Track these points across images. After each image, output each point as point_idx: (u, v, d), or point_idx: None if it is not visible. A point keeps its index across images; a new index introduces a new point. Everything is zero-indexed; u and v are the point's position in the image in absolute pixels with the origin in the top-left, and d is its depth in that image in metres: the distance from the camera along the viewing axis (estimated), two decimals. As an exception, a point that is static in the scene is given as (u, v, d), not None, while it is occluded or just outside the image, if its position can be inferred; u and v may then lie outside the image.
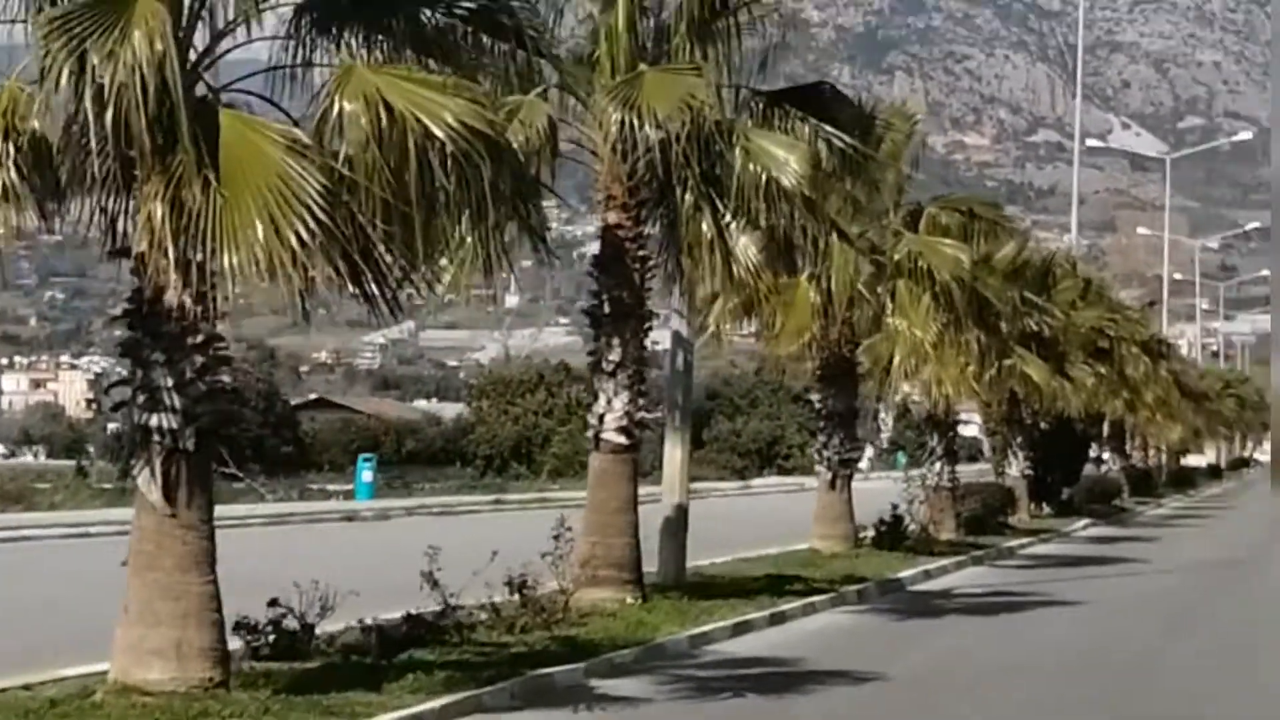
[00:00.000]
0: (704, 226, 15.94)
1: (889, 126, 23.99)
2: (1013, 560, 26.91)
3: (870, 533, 25.20)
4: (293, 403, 73.12)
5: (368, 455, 44.90)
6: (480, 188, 9.71)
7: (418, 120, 9.61)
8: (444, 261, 11.48)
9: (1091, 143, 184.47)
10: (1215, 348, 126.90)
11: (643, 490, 17.38)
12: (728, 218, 16.06)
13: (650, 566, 17.77)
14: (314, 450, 60.33)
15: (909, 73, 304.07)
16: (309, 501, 40.43)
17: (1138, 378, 42.18)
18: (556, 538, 14.97)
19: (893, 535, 25.31)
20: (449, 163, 9.61)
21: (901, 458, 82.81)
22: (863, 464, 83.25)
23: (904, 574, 21.86)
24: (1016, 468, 36.56)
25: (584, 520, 16.68)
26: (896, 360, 26.33)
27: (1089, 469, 47.39)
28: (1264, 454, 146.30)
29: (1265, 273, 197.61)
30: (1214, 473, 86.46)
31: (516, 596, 14.38)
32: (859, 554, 23.70)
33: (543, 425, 63.32)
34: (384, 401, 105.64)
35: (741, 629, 15.72)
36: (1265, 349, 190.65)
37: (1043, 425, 38.93)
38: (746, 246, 16.31)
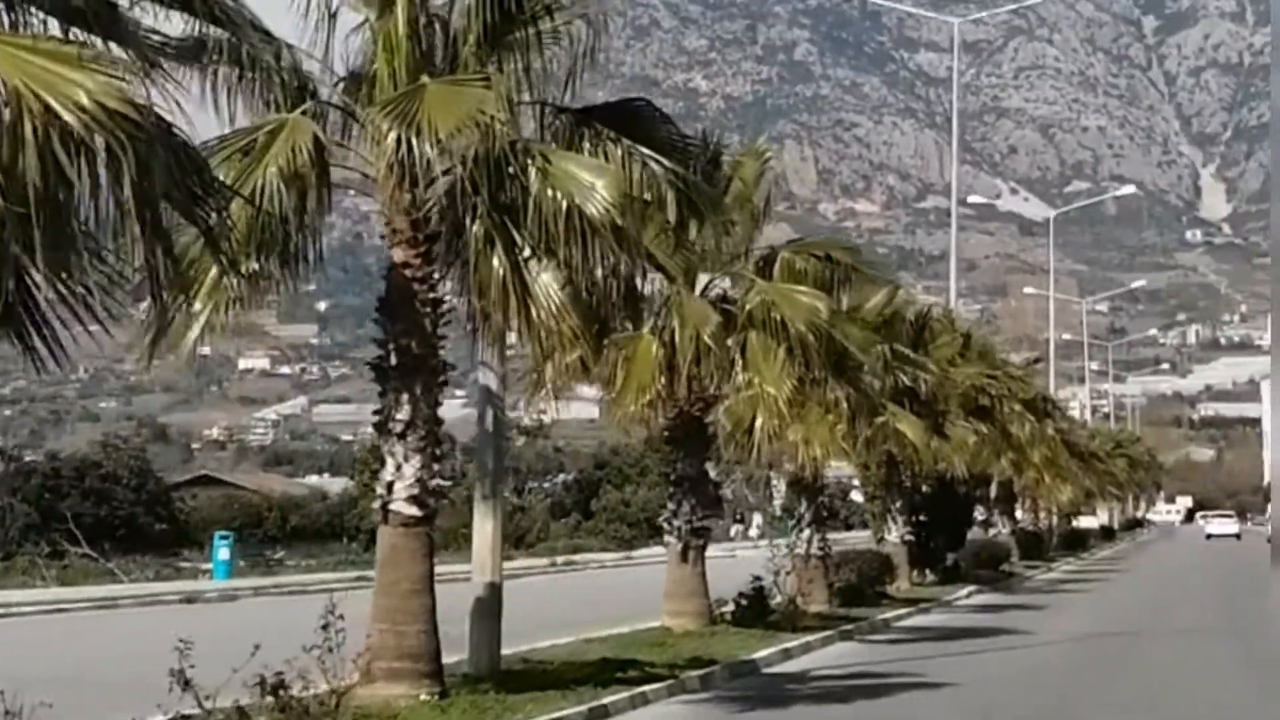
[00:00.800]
0: (495, 263, 13.78)
1: (738, 165, 22.08)
2: (886, 634, 24.80)
3: (730, 608, 23.06)
4: (178, 479, 71.58)
5: (224, 533, 43.12)
6: (140, 187, 7.53)
7: (37, 98, 7.40)
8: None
9: (974, 199, 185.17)
10: (1106, 409, 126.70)
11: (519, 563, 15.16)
12: (526, 252, 13.93)
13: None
14: (192, 528, 59.10)
15: (798, 140, 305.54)
16: (164, 582, 38.70)
17: (1023, 437, 40.40)
18: (325, 626, 12.66)
19: (754, 610, 23.15)
20: (84, 154, 7.42)
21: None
22: (752, 531, 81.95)
23: (760, 654, 19.68)
24: (896, 533, 34.57)
25: (372, 605, 14.39)
26: (759, 421, 24.39)
27: (976, 533, 45.63)
28: (1156, 514, 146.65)
29: (1153, 332, 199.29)
30: (1107, 534, 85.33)
31: (270, 699, 12.07)
32: (715, 632, 21.51)
33: None
34: (271, 477, 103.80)
35: (549, 730, 13.48)
36: (1156, 410, 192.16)
37: (924, 488, 37.08)
38: (549, 286, 14.11)
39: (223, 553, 41.31)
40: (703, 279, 22.15)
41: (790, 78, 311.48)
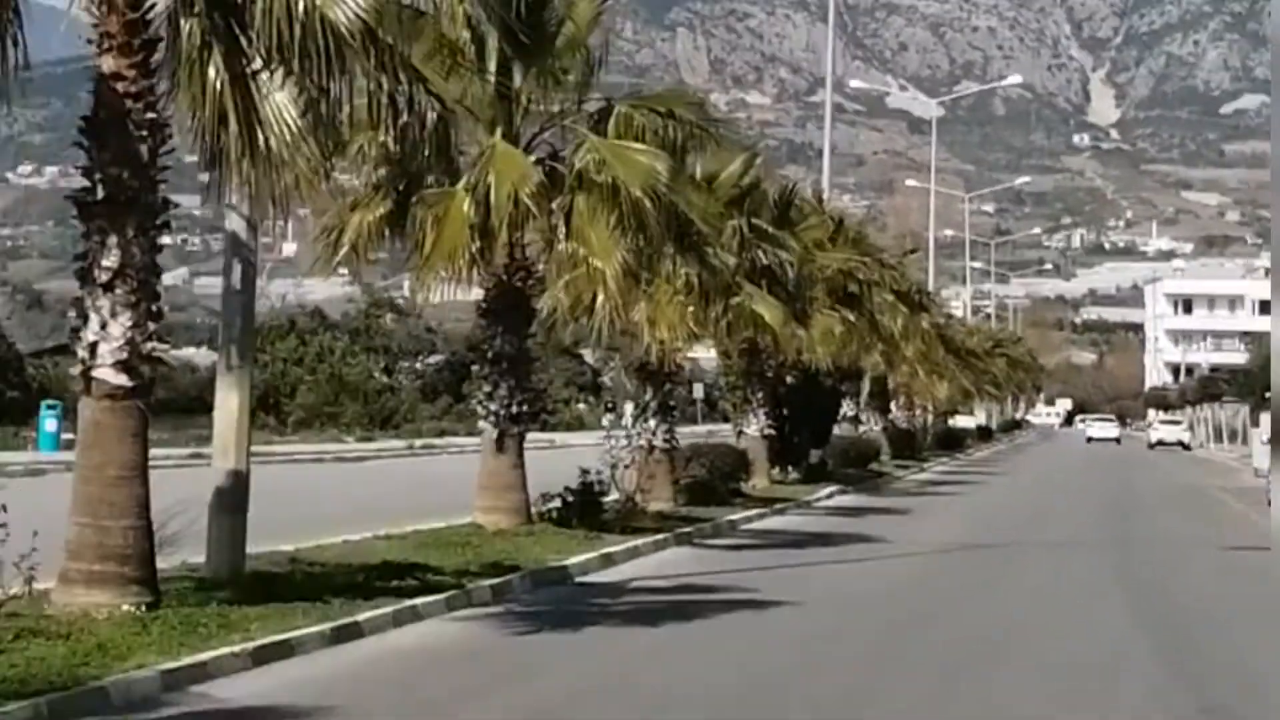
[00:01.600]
0: (211, 73, 10.96)
1: (572, 4, 19.22)
2: (731, 538, 22.39)
3: (557, 504, 20.53)
4: (46, 346, 69.33)
5: (52, 403, 40.32)
6: None
7: None
8: None
9: (856, 83, 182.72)
10: (989, 310, 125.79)
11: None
12: (257, 63, 11.10)
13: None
14: (47, 397, 57.94)
15: (691, 29, 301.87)
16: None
17: (895, 329, 38.04)
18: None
19: (584, 508, 20.62)
20: None
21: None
22: (625, 420, 79.68)
23: (576, 559, 17.17)
24: (756, 427, 32.17)
25: (72, 494, 11.68)
26: (600, 298, 21.78)
27: (847, 429, 43.51)
28: (1036, 416, 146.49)
29: (1037, 231, 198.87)
30: (984, 434, 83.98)
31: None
32: (532, 532, 18.97)
33: (292, 374, 62.35)
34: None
35: (272, 654, 10.83)
36: (1039, 312, 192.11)
37: (789, 379, 34.70)
38: (283, 108, 11.28)
39: (49, 424, 38.96)
40: (530, 134, 19.41)
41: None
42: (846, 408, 44.23)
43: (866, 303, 33.41)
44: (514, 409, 19.42)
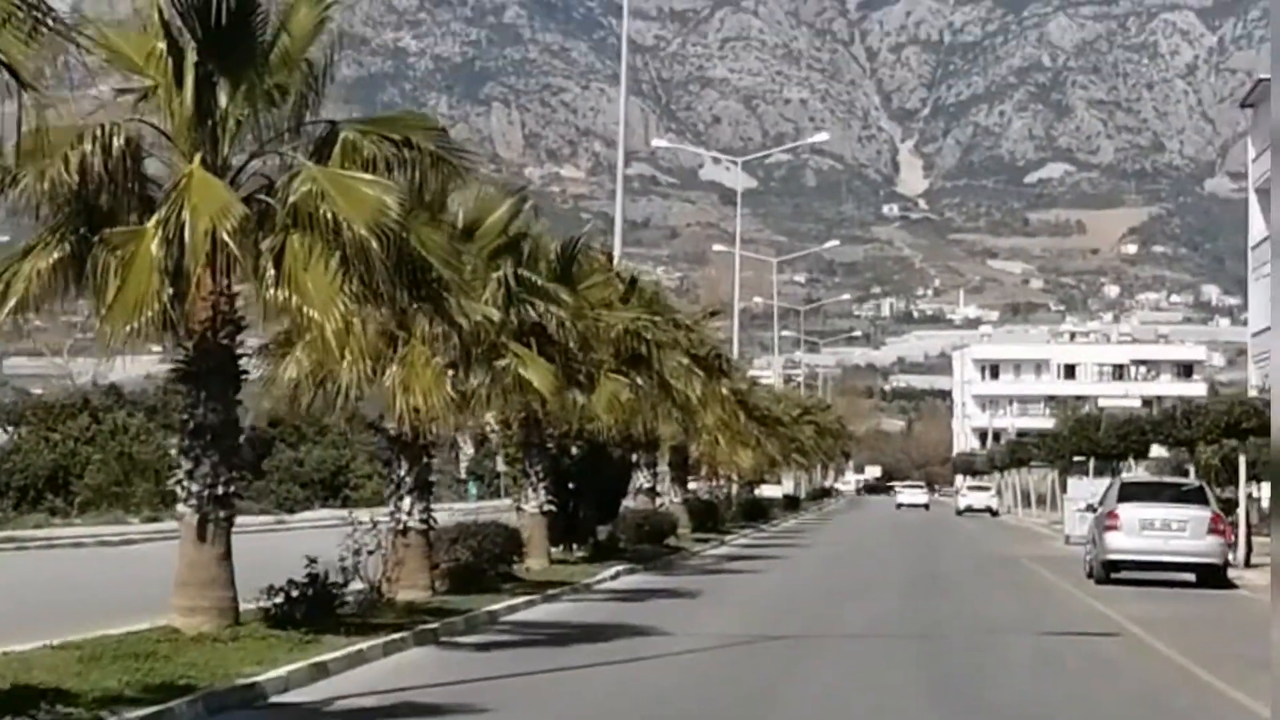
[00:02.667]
0: None
1: (289, 12, 16.35)
2: (485, 634, 19.47)
3: (280, 600, 17.48)
4: None
5: None
6: None
7: None
8: None
9: (657, 142, 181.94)
10: (800, 378, 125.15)
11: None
12: None
13: None
14: None
15: (506, 104, 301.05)
16: None
17: (692, 395, 35.52)
18: None
19: (314, 604, 17.60)
20: None
21: (473, 488, 75.79)
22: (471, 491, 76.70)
23: (278, 672, 14.13)
24: (535, 502, 29.37)
25: None
26: (346, 361, 18.91)
27: (643, 502, 40.91)
28: (845, 484, 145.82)
29: (846, 297, 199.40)
30: (791, 503, 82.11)
31: None
32: (238, 635, 15.86)
33: (82, 453, 60.03)
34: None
35: None
36: (850, 380, 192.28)
37: (575, 450, 32.03)
38: None
39: None
40: (240, 162, 16.48)
41: (499, 40, 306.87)
42: (642, 479, 41.73)
43: (657, 366, 30.79)
44: (219, 490, 16.36)
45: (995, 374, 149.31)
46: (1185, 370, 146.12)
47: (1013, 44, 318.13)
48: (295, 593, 17.58)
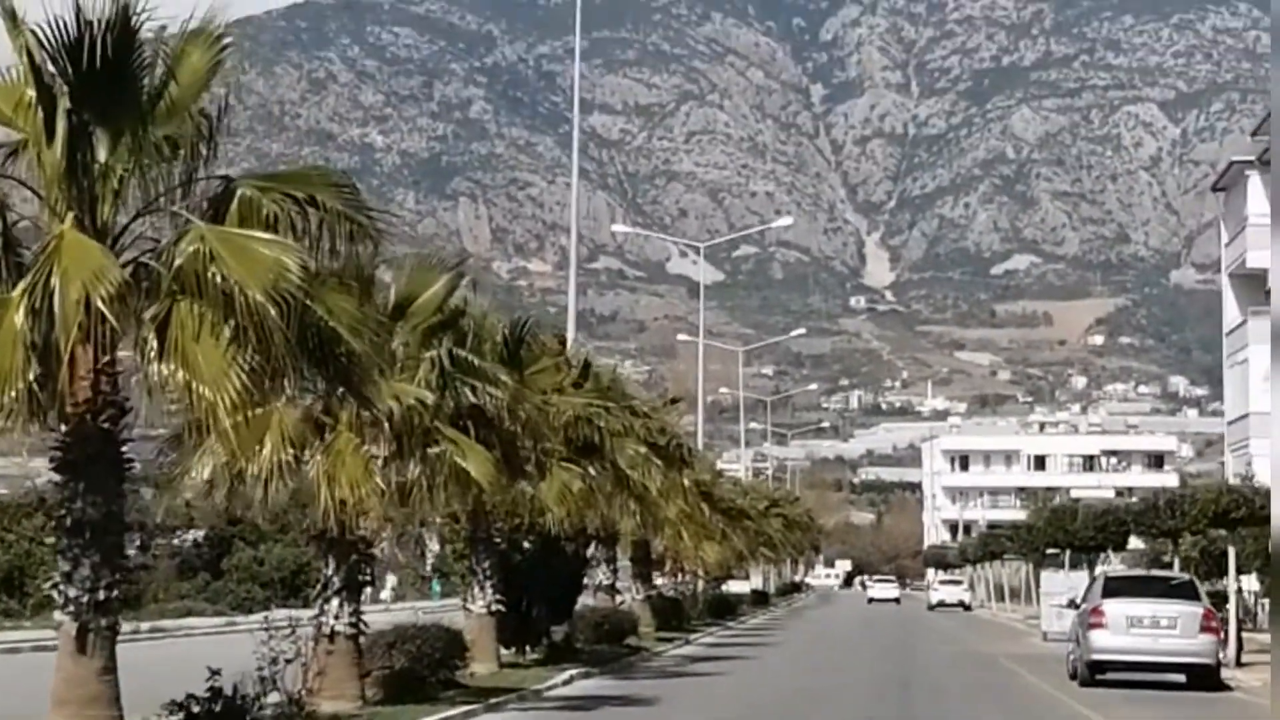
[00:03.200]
0: None
1: (180, 57, 14.56)
2: (414, 752, 17.54)
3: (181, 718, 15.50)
4: None
5: None
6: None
7: None
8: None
9: (616, 228, 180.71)
10: (769, 471, 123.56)
11: None
12: None
13: None
14: None
15: (473, 199, 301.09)
16: None
17: (650, 486, 33.61)
18: None
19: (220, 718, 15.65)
20: None
21: (437, 586, 73.53)
22: (384, 594, 74.36)
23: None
24: (483, 601, 27.43)
25: None
26: (267, 447, 17.17)
27: (603, 600, 38.93)
28: (816, 578, 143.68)
29: (813, 387, 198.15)
30: (760, 599, 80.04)
31: None
32: (124, 761, 13.94)
33: (37, 553, 58.02)
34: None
35: None
36: (818, 472, 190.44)
37: (527, 544, 30.13)
38: None
39: None
40: (124, 222, 14.68)
41: (466, 135, 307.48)
42: (601, 575, 39.77)
43: (611, 455, 28.92)
44: (100, 595, 14.41)
45: (965, 465, 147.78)
46: (1156, 461, 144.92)
47: (976, 136, 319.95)
48: (196, 708, 15.63)
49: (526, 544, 29.73)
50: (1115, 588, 27.63)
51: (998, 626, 60.34)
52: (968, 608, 79.27)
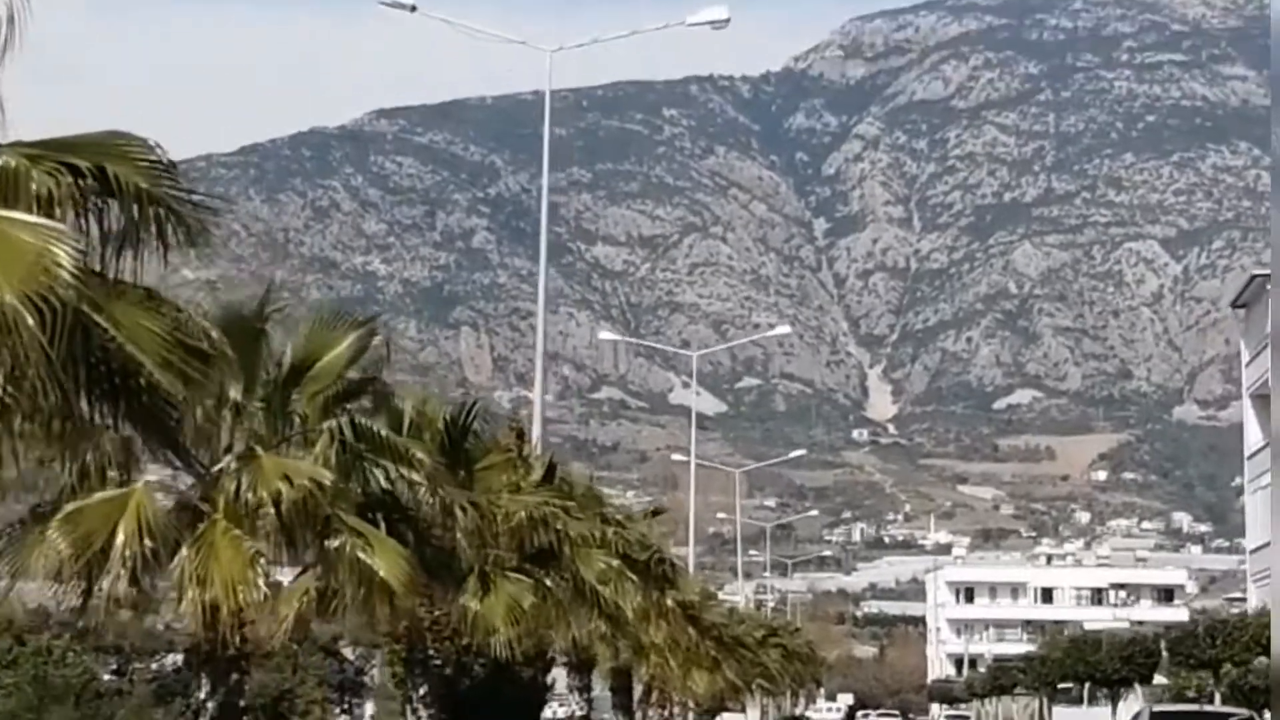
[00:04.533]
0: None
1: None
2: None
3: None
4: None
5: None
6: None
7: None
8: None
9: (603, 335, 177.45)
10: (771, 604, 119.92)
11: None
12: None
13: None
14: None
15: (475, 328, 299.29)
16: None
17: (624, 604, 29.76)
18: None
19: None
20: None
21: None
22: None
23: None
24: (420, 735, 23.65)
25: None
26: (120, 537, 13.84)
27: (576, 734, 35.11)
28: (816, 711, 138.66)
29: (814, 512, 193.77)
30: (756, 735, 75.75)
31: None
32: None
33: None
34: None
35: None
36: (821, 606, 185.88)
37: (478, 667, 26.31)
38: None
39: None
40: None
41: (468, 265, 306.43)
42: (576, 706, 35.94)
43: (571, 566, 25.18)
44: None
45: (970, 597, 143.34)
46: (1166, 595, 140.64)
47: (979, 271, 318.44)
48: None
49: (478, 668, 25.94)
50: (1163, 726, 23.00)
51: (1009, 768, 56.17)
52: (975, 746, 74.98)
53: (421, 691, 23.47)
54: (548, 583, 23.98)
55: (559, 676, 36.82)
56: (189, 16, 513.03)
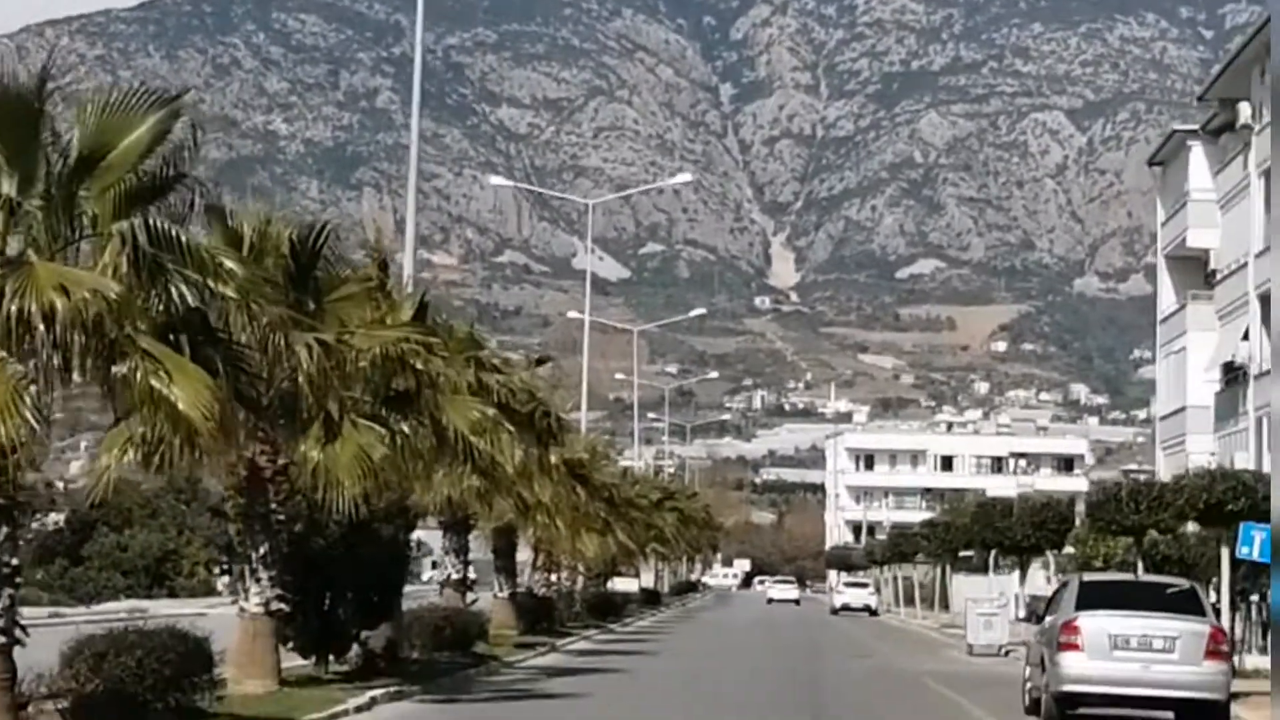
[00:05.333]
0: None
1: None
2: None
3: None
4: None
5: None
6: None
7: None
8: None
9: (494, 180, 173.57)
10: (671, 470, 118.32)
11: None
12: None
13: None
14: None
15: (378, 189, 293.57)
16: None
17: (500, 458, 26.94)
18: None
19: None
20: None
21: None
22: (221, 584, 67.62)
23: None
24: (260, 597, 20.82)
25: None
26: None
27: (450, 596, 32.44)
28: (714, 577, 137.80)
29: (714, 375, 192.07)
30: (651, 598, 73.80)
31: None
32: None
33: None
34: None
35: None
36: (720, 472, 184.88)
37: (333, 524, 23.32)
38: None
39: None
40: None
41: (372, 125, 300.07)
42: (451, 568, 33.30)
43: (432, 410, 22.23)
44: None
45: (870, 464, 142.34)
46: (1066, 464, 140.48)
47: (884, 140, 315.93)
48: None
49: (333, 525, 23.04)
50: (1094, 597, 20.15)
51: (912, 635, 54.35)
52: (874, 613, 73.41)
53: (262, 551, 20.61)
54: (405, 429, 21.09)
55: (432, 537, 34.06)
56: None
